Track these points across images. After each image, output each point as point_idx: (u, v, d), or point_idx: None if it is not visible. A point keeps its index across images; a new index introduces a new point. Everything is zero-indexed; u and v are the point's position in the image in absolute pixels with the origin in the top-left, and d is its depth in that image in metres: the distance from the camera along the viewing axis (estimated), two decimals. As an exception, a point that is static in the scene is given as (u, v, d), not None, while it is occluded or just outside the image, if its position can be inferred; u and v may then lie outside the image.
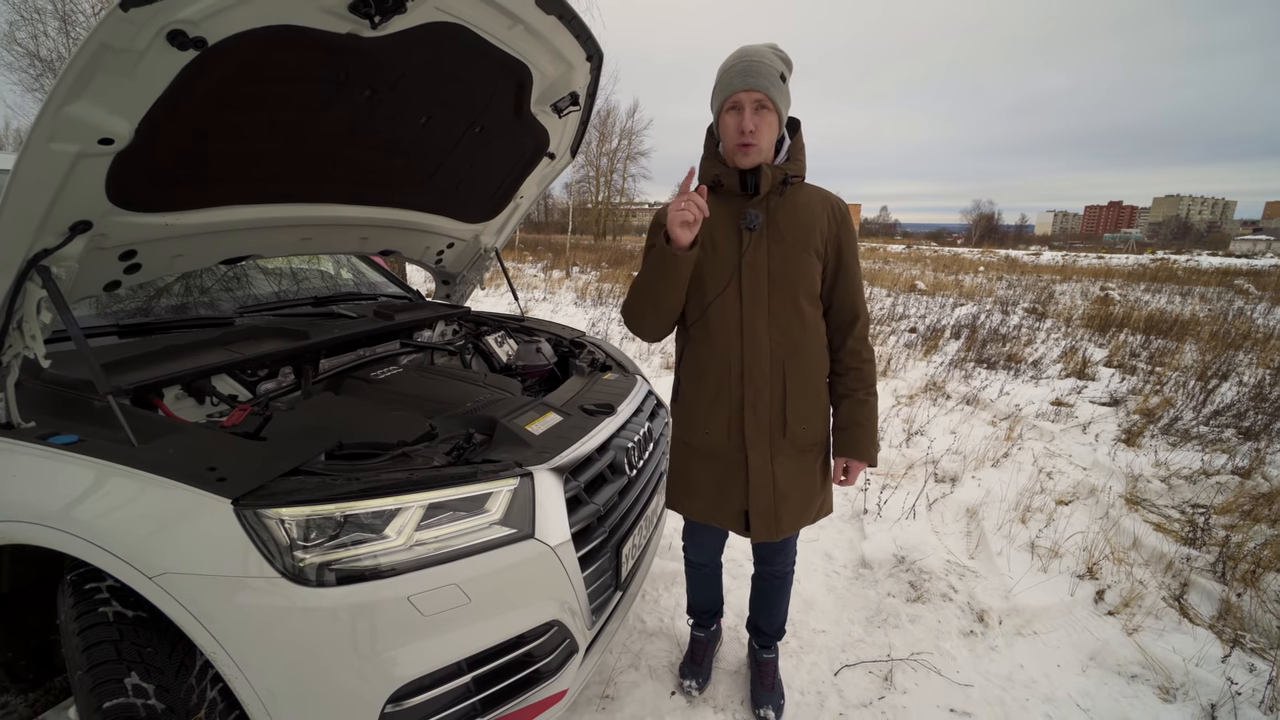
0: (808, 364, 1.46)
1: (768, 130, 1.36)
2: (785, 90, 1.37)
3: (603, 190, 43.96)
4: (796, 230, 1.41)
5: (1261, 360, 5.98)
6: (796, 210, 1.42)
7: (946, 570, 2.48)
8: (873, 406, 1.50)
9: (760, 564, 1.77)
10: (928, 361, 6.12)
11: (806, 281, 1.42)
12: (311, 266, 2.82)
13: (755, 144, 1.35)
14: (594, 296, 10.44)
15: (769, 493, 1.48)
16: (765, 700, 1.77)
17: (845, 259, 1.46)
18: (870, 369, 1.50)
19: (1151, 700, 1.87)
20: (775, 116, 1.36)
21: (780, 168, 1.41)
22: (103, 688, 1.04)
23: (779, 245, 1.41)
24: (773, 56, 1.35)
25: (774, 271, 1.41)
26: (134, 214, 1.38)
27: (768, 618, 1.82)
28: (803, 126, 1.48)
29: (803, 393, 1.46)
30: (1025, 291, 12.23)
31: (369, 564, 1.08)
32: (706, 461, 1.53)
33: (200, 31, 1.09)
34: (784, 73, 1.36)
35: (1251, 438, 3.89)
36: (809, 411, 1.48)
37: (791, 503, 1.50)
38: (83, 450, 1.14)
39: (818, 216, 1.42)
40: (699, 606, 1.91)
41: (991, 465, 3.52)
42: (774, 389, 1.44)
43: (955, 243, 76.90)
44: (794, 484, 1.50)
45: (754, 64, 1.33)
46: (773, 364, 1.43)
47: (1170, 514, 2.97)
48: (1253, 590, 2.28)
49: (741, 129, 1.34)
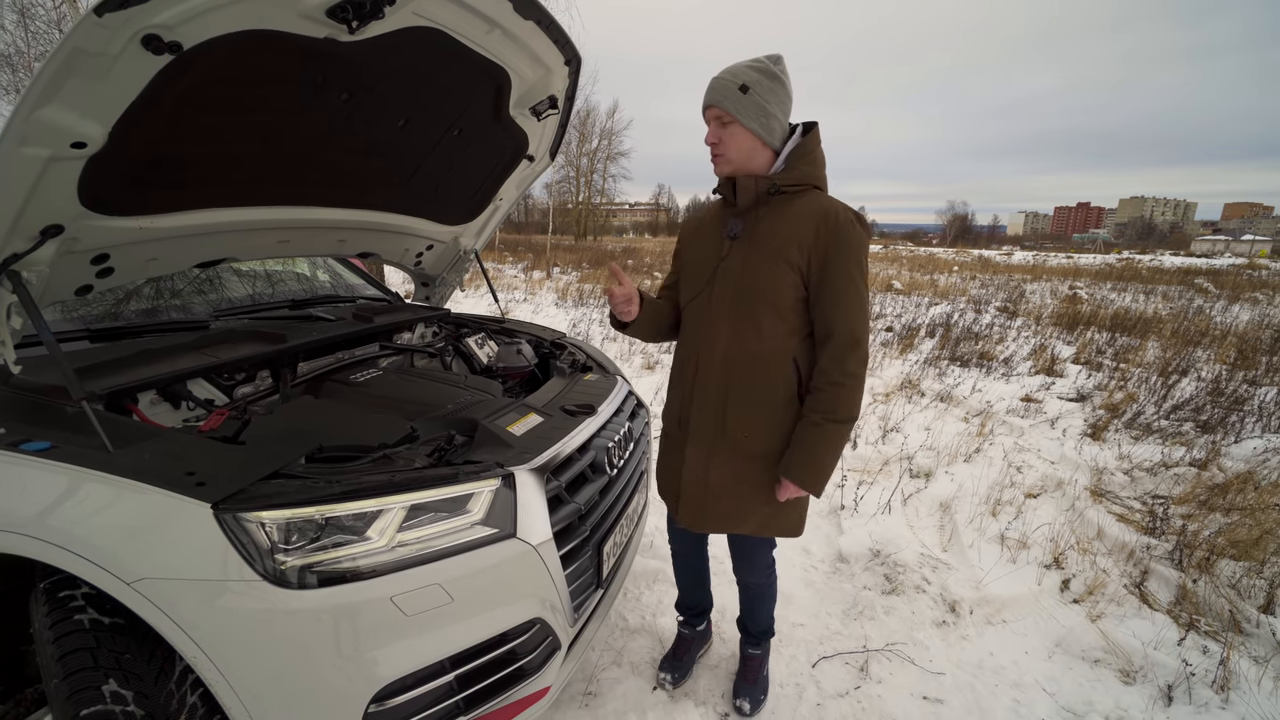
0: (760, 375, 1.44)
1: (733, 141, 1.40)
2: (749, 100, 1.36)
3: (583, 190, 43.89)
4: (774, 240, 1.40)
5: (1218, 356, 6.22)
6: (781, 220, 1.41)
7: (920, 563, 2.55)
8: (827, 434, 1.38)
9: (735, 572, 1.79)
10: (903, 360, 6.25)
11: (771, 293, 1.41)
12: (287, 269, 2.79)
13: (721, 154, 1.42)
14: (575, 297, 10.43)
15: (700, 485, 1.53)
16: (744, 692, 1.81)
17: (829, 273, 1.37)
18: (835, 394, 1.37)
19: (1113, 683, 1.95)
20: (740, 129, 1.39)
21: (768, 177, 1.41)
22: (80, 696, 1.03)
23: (754, 254, 1.43)
24: (737, 70, 1.38)
25: (742, 280, 1.44)
26: (107, 218, 1.37)
27: (751, 620, 1.86)
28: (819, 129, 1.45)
29: (746, 402, 1.46)
30: (997, 291, 12.53)
31: (351, 565, 1.09)
32: (664, 441, 1.68)
33: (176, 36, 1.09)
34: (748, 83, 1.36)
35: (1208, 431, 4.06)
36: (754, 423, 1.46)
37: (724, 504, 1.52)
38: (55, 456, 1.12)
39: (802, 228, 1.38)
40: (685, 601, 1.95)
41: (964, 460, 3.62)
42: (718, 391, 1.48)
43: (931, 243, 78.33)
44: (729, 487, 1.51)
45: (714, 81, 1.40)
46: (724, 368, 1.47)
47: (1132, 505, 3.09)
48: (1207, 576, 2.39)
49: (708, 141, 1.44)
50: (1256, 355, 6.16)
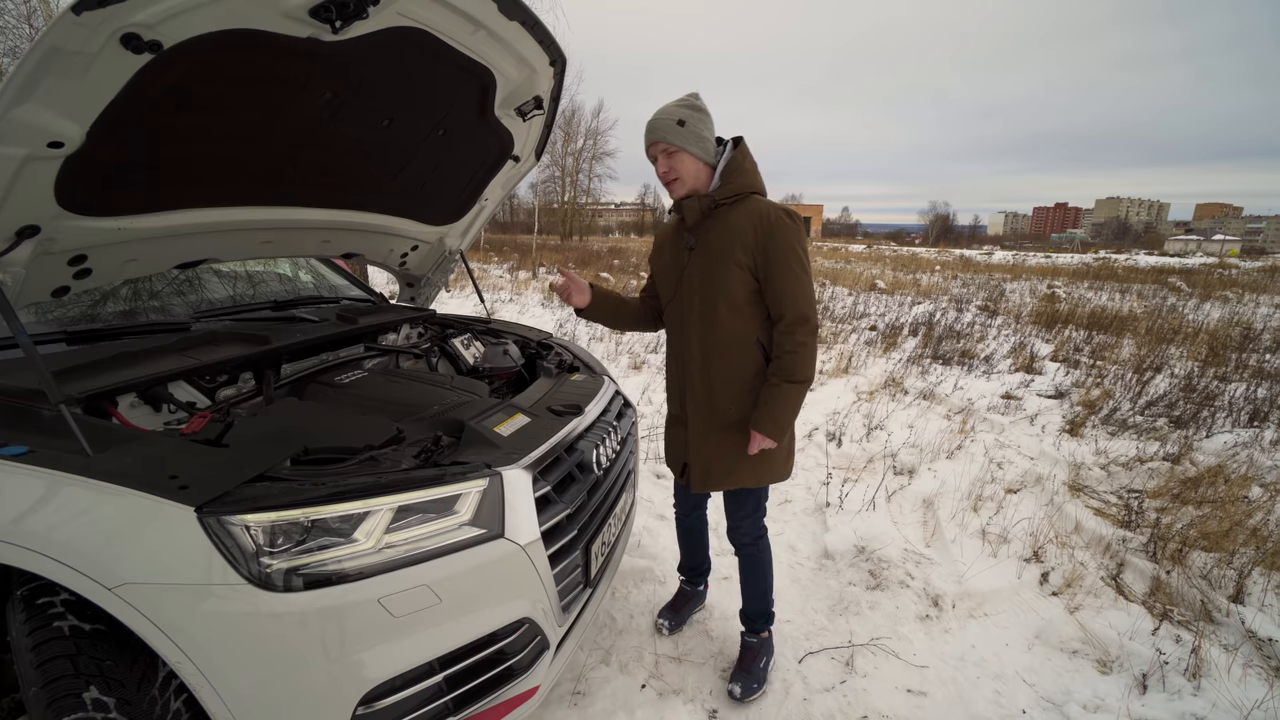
0: (731, 357, 1.72)
1: (681, 166, 1.66)
2: (688, 130, 1.63)
3: (568, 190, 43.77)
4: (720, 247, 1.66)
5: (1190, 353, 6.39)
6: (724, 229, 1.67)
7: (904, 558, 2.58)
8: (785, 393, 1.63)
9: (728, 531, 1.96)
10: (887, 358, 6.33)
11: (725, 290, 1.67)
12: (268, 270, 2.76)
13: (676, 178, 1.68)
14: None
15: (703, 453, 1.81)
16: (737, 679, 1.90)
17: (772, 265, 1.62)
18: (790, 360, 1.62)
19: (1090, 673, 2.00)
20: (685, 154, 1.65)
21: (709, 195, 1.68)
22: (60, 703, 1.02)
23: (707, 261, 1.70)
24: (670, 111, 1.65)
25: (701, 283, 1.71)
26: (85, 218, 1.35)
27: (746, 598, 1.97)
28: (762, 134, 1.66)
29: (725, 383, 1.73)
30: (978, 290, 12.73)
31: (337, 568, 1.08)
32: (672, 425, 1.94)
33: (156, 35, 1.07)
34: (682, 118, 1.63)
35: (1181, 426, 4.16)
36: (734, 397, 1.73)
37: (723, 463, 1.79)
38: (33, 461, 1.10)
39: (742, 232, 1.63)
40: (686, 562, 2.22)
41: (946, 457, 3.68)
42: (703, 375, 1.76)
43: (913, 242, 79.23)
44: (723, 450, 1.78)
45: (653, 123, 1.65)
46: (703, 356, 1.75)
47: (1109, 499, 3.16)
48: (1179, 568, 2.45)
49: (660, 173, 1.70)
50: (1227, 352, 6.33)
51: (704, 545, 2.19)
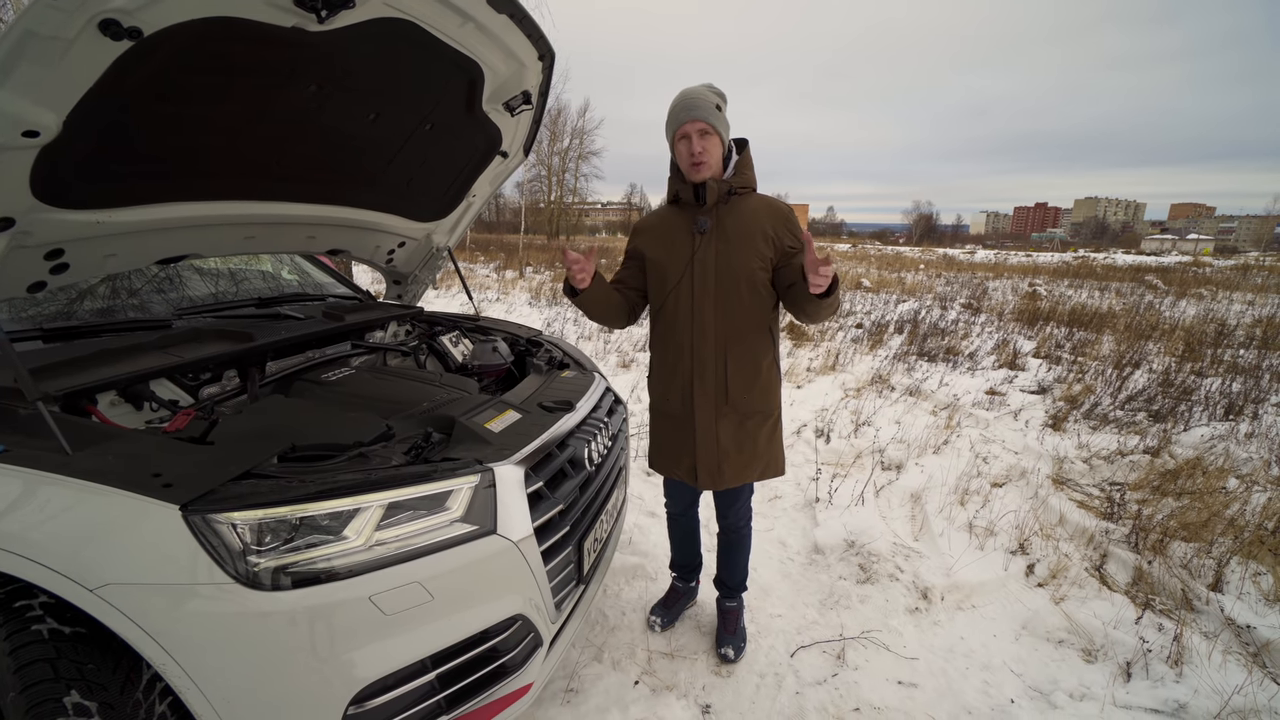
0: (747, 343, 1.72)
1: (713, 149, 1.66)
2: (723, 117, 1.66)
3: (555, 190, 43.60)
4: (741, 233, 1.68)
5: (1168, 349, 6.52)
6: (742, 216, 1.69)
7: (893, 552, 2.61)
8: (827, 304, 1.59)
9: (720, 519, 2.00)
10: (873, 356, 6.38)
11: (749, 274, 1.68)
12: (251, 266, 2.71)
13: (705, 162, 1.65)
14: (549, 296, 10.36)
15: (713, 449, 1.76)
16: (727, 642, 1.99)
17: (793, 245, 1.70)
18: None
19: (1076, 662, 2.03)
20: (718, 138, 1.66)
21: (726, 181, 1.70)
22: (39, 709, 0.99)
23: (725, 245, 1.69)
24: (708, 93, 1.65)
25: (720, 267, 1.69)
26: (61, 211, 1.31)
27: (728, 571, 2.06)
28: (754, 134, 1.77)
29: (741, 368, 1.72)
30: (962, 288, 12.88)
31: (327, 566, 1.07)
32: (668, 423, 1.86)
33: (135, 21, 1.05)
34: (719, 104, 1.65)
35: (1160, 420, 4.25)
36: (748, 384, 1.73)
37: (733, 459, 1.78)
38: (9, 460, 1.07)
39: (761, 222, 1.69)
40: (679, 560, 2.21)
41: (933, 452, 3.72)
42: (717, 364, 1.72)
43: (898, 242, 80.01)
44: (736, 444, 1.77)
45: (694, 100, 1.64)
46: (716, 343, 1.71)
47: (1091, 492, 3.21)
48: (1160, 558, 2.50)
49: (692, 152, 1.64)
50: (1202, 348, 6.47)
51: (696, 542, 2.20)
